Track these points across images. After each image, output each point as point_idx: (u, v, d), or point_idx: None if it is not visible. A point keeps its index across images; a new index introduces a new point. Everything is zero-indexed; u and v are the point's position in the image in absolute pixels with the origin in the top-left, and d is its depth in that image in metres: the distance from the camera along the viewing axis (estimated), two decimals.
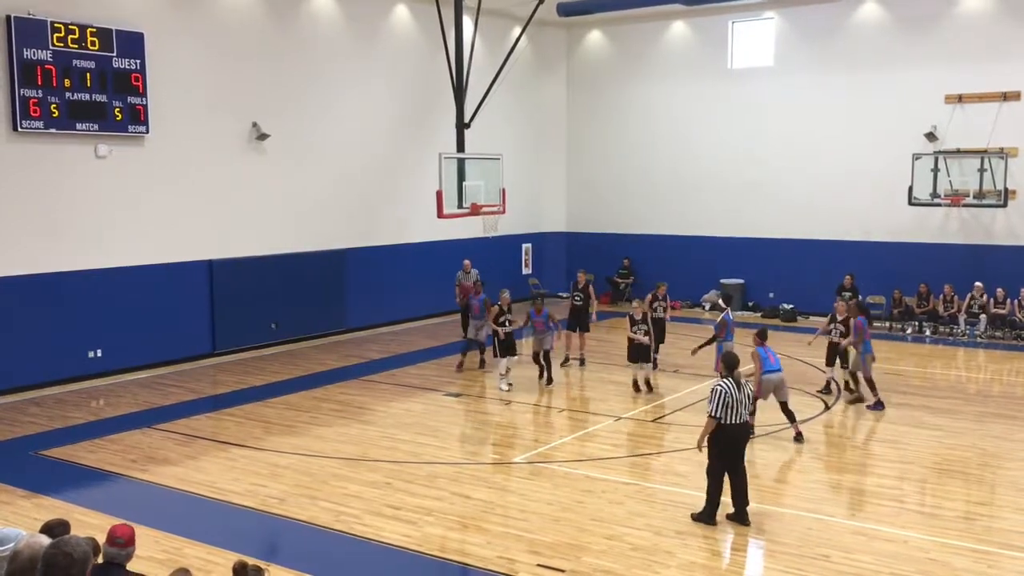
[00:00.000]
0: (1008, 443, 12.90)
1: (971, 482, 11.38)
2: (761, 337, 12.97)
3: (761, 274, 23.98)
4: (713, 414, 9.66)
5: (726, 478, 9.87)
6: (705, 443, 9.87)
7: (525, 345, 18.03)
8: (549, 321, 16.40)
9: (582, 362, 17.95)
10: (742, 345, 15.03)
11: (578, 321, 17.88)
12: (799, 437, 12.74)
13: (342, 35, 20.95)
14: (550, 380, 16.34)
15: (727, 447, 9.77)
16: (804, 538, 9.50)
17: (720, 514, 9.85)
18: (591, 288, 18.08)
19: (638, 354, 15.67)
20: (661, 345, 17.12)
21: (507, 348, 16.19)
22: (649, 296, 17.40)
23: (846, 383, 15.42)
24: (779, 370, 12.83)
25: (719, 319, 15.32)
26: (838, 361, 15.32)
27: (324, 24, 20.50)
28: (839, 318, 15.15)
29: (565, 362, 17.75)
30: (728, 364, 10.02)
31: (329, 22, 20.61)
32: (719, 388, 9.69)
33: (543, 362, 16.34)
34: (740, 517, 9.86)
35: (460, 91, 18.89)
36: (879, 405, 14.43)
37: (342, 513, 10.14)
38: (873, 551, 9.06)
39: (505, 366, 16.09)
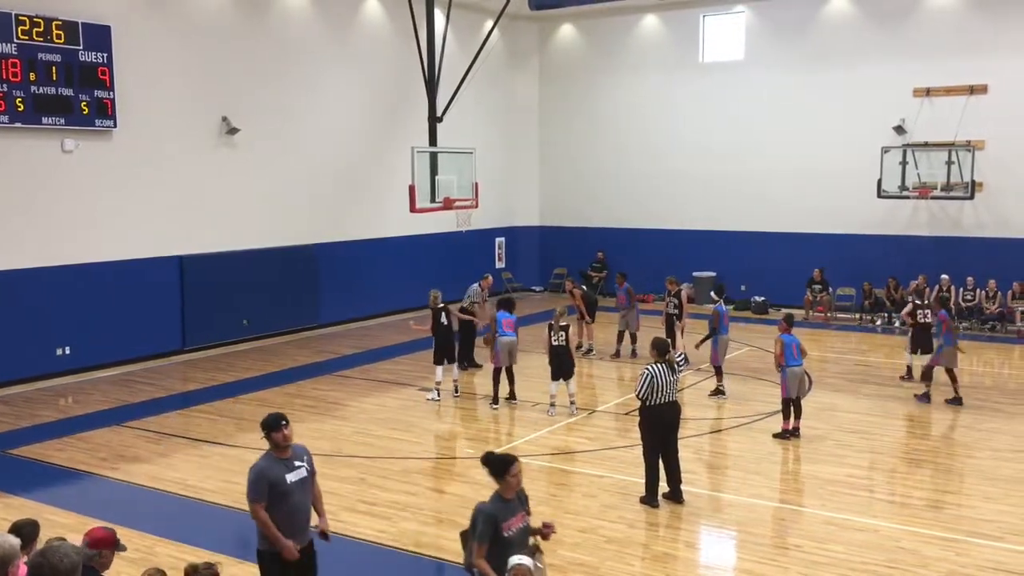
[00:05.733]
0: (976, 432, 13.08)
1: (940, 471, 11.53)
2: (789, 324, 12.99)
3: (733, 267, 24.11)
4: (638, 396, 10.09)
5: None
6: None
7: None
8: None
9: (590, 349, 18.29)
10: (737, 341, 15.10)
11: (588, 312, 18.26)
12: (796, 432, 12.74)
13: (313, 28, 20.79)
14: (513, 396, 14.66)
15: (657, 427, 10.09)
16: (777, 528, 9.59)
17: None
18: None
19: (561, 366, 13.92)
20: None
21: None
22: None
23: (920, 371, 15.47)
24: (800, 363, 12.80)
25: (712, 311, 15.33)
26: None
27: (295, 17, 20.33)
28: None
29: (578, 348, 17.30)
30: (659, 349, 10.28)
31: (300, 15, 20.45)
32: (647, 373, 10.04)
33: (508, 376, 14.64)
34: (675, 495, 10.19)
35: (432, 85, 18.85)
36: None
37: None
38: (844, 540, 9.16)
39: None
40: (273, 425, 6.56)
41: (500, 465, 6.18)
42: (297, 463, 6.66)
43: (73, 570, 4.20)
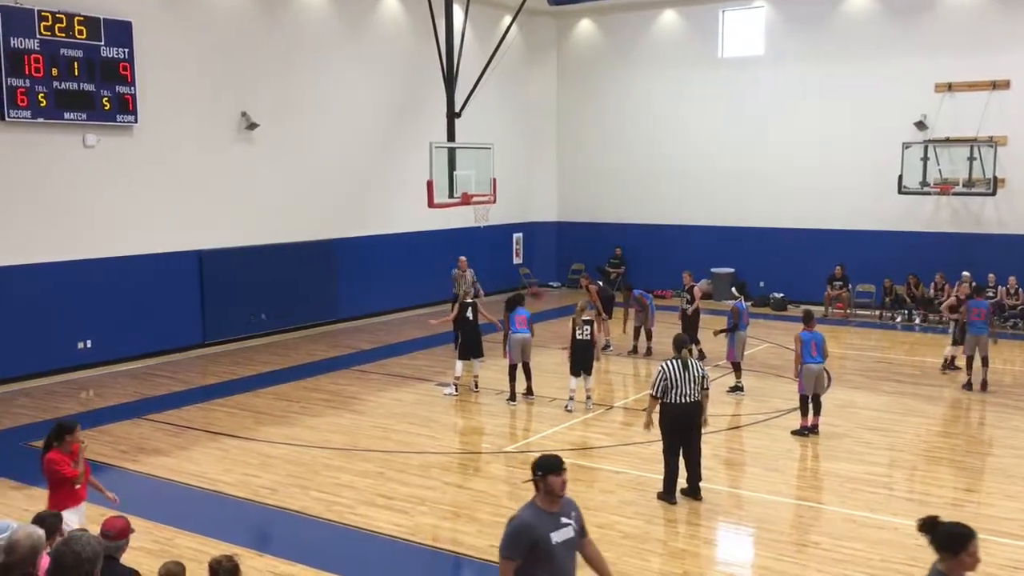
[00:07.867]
0: (996, 430, 12.99)
1: (960, 469, 11.44)
2: (806, 321, 12.86)
3: (751, 263, 24.02)
4: (654, 394, 10.06)
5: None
6: (655, 424, 10.18)
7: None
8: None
9: (607, 345, 18.10)
10: (756, 337, 15.06)
11: (604, 308, 18.09)
12: (815, 429, 12.65)
13: (332, 24, 20.84)
14: (530, 391, 14.68)
15: (676, 426, 10.04)
16: (795, 525, 9.55)
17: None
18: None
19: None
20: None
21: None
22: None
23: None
24: (820, 361, 12.67)
25: (731, 307, 15.29)
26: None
27: (314, 13, 20.39)
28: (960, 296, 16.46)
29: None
30: (676, 345, 10.26)
31: (318, 10, 20.50)
32: (660, 370, 10.01)
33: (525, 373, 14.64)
34: (693, 492, 10.18)
35: (451, 80, 18.84)
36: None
37: (334, 503, 10.14)
38: (863, 538, 9.11)
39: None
40: (553, 467, 5.52)
41: (955, 539, 4.73)
42: (565, 519, 5.60)
43: (95, 558, 4.27)
